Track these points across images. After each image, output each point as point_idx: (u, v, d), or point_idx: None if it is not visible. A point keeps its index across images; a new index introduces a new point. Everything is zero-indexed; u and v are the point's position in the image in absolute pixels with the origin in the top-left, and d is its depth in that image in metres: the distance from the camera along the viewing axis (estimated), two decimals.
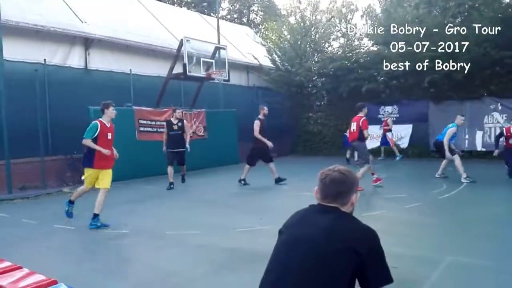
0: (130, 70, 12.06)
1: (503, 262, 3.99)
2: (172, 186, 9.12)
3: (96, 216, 5.82)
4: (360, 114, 8.54)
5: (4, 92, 8.99)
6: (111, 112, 6.18)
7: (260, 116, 9.89)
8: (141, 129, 11.20)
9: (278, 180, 9.41)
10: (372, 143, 15.43)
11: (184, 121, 9.73)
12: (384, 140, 13.85)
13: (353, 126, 8.52)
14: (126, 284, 3.76)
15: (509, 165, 8.84)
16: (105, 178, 5.99)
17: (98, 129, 5.98)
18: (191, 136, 12.19)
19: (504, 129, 9.41)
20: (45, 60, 10.29)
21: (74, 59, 11.46)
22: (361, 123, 8.36)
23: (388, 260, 1.86)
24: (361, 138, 8.40)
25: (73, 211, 6.15)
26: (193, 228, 5.63)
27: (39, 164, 9.89)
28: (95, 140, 5.95)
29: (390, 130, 13.92)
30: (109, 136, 6.10)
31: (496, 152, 9.35)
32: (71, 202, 6.16)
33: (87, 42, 11.75)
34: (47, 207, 7.83)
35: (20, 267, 3.25)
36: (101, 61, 11.94)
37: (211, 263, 4.30)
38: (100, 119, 6.14)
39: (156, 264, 4.31)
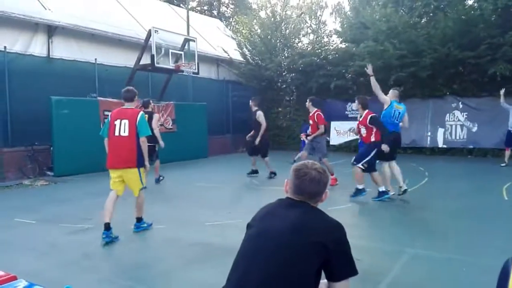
0: (95, 59, 11.69)
1: (464, 254, 4.16)
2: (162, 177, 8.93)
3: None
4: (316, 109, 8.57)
5: None
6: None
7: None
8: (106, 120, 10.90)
9: (252, 173, 9.63)
10: (340, 138, 15.77)
11: (155, 114, 8.63)
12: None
13: (311, 121, 8.57)
14: (90, 279, 3.66)
15: None
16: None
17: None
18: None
19: None
20: (5, 47, 9.82)
21: (36, 47, 10.98)
22: (316, 117, 8.36)
23: (353, 253, 1.90)
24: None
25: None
26: (160, 223, 5.56)
27: None
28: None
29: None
30: None
31: None
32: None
33: (50, 30, 11.29)
34: (6, 201, 7.51)
35: None
36: (65, 50, 11.51)
37: (179, 257, 4.26)
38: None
39: (122, 259, 4.23)
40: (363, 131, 6.81)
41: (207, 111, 14.36)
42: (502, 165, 10.68)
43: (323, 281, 1.91)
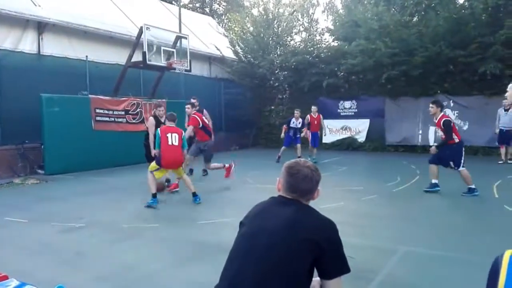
0: (86, 56, 11.58)
1: (455, 251, 4.21)
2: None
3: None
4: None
5: None
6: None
7: None
8: (98, 118, 10.83)
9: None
10: (332, 136, 15.83)
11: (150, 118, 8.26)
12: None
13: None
14: (83, 278, 3.64)
15: None
16: None
17: None
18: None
19: None
20: None
21: (27, 44, 10.86)
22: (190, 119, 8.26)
23: (346, 251, 1.91)
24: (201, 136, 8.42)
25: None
26: (153, 221, 5.55)
27: None
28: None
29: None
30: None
31: None
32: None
33: (41, 26, 11.17)
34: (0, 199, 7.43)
35: None
36: (55, 47, 11.40)
37: (172, 255, 4.25)
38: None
39: (114, 258, 4.21)
40: (441, 133, 7.05)
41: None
42: (500, 162, 10.80)
43: (316, 279, 1.92)
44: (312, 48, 16.58)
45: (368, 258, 4.01)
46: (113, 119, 11.19)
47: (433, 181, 7.07)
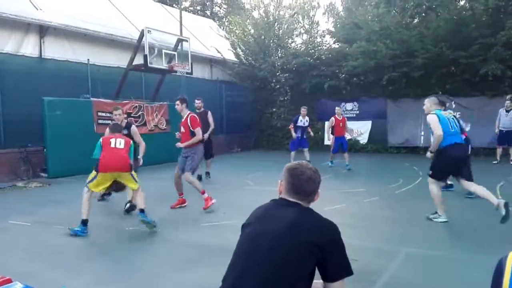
0: (88, 60, 11.62)
1: (459, 252, 4.21)
2: None
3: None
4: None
5: None
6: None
7: None
8: (100, 121, 10.84)
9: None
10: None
11: (132, 125, 7.05)
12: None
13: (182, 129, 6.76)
14: (86, 281, 3.65)
15: None
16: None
17: None
18: (151, 130, 12.01)
19: None
20: None
21: (28, 47, 10.88)
22: (189, 121, 6.53)
23: (348, 253, 1.91)
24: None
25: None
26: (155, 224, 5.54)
27: None
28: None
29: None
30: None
31: None
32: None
33: (42, 30, 11.20)
34: (0, 202, 7.45)
35: None
36: (57, 50, 11.42)
37: (175, 258, 4.26)
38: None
39: (117, 261, 4.22)
40: None
41: None
42: (494, 162, 10.80)
43: (319, 281, 1.93)
44: (313, 50, 16.59)
45: (371, 260, 4.01)
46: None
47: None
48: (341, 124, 10.99)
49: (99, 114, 10.85)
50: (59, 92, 10.21)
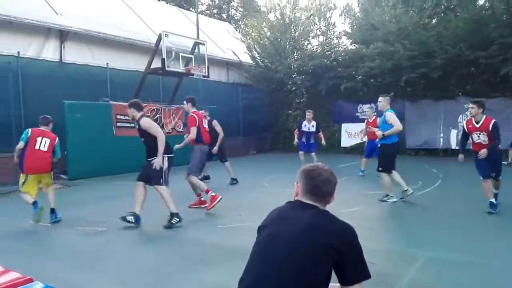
0: (107, 64, 11.82)
1: (480, 257, 4.11)
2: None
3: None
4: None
5: None
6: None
7: None
8: (119, 124, 11.02)
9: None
10: (351, 140, 15.66)
11: (142, 119, 5.94)
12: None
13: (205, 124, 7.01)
14: (104, 281, 3.70)
15: None
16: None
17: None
18: (169, 133, 12.12)
19: None
20: (18, 52, 9.96)
21: (49, 52, 11.16)
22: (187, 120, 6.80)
23: (366, 256, 1.89)
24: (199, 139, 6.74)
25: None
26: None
27: (10, 160, 9.57)
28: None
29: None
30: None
31: None
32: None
33: (62, 35, 11.46)
34: (20, 204, 7.58)
35: None
36: (77, 55, 11.66)
37: (191, 259, 4.28)
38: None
39: (135, 261, 4.27)
40: (484, 138, 5.95)
41: (217, 114, 14.36)
42: (504, 163, 10.55)
43: (336, 285, 1.91)
44: (329, 52, 16.52)
45: (389, 264, 3.96)
46: (133, 125, 11.33)
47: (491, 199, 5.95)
48: (373, 126, 10.08)
49: (118, 117, 11.02)
50: (79, 96, 10.41)
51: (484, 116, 6.08)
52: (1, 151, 9.32)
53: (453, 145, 13.67)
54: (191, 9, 22.63)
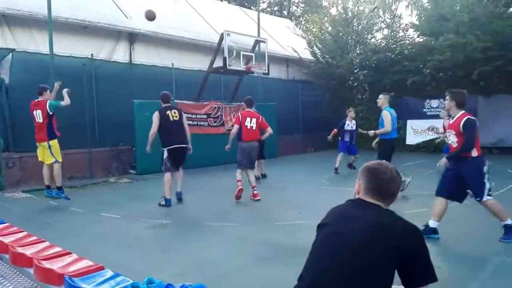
0: (172, 64, 12.31)
1: None
2: None
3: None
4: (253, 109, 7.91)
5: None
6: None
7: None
8: None
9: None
10: (417, 138, 14.96)
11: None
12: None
13: (252, 123, 7.56)
14: (167, 273, 3.85)
15: None
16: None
17: None
18: (229, 130, 12.35)
19: None
20: (92, 54, 10.68)
21: (120, 53, 11.83)
22: (261, 120, 7.68)
23: (432, 259, 1.81)
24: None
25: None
26: (232, 221, 5.71)
27: (86, 155, 10.33)
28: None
29: None
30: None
31: None
32: None
33: (132, 37, 12.10)
34: (93, 196, 8.18)
35: (69, 253, 3.45)
36: (145, 56, 12.26)
37: (250, 254, 4.34)
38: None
39: (196, 254, 4.41)
40: (453, 139, 4.90)
41: (277, 111, 14.41)
42: None
43: (400, 287, 1.85)
44: (394, 45, 15.88)
45: (456, 268, 3.74)
46: (196, 122, 11.72)
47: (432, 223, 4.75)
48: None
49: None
50: (147, 95, 10.91)
51: (461, 112, 4.96)
52: (77, 147, 10.03)
53: None
54: (252, 7, 22.86)
